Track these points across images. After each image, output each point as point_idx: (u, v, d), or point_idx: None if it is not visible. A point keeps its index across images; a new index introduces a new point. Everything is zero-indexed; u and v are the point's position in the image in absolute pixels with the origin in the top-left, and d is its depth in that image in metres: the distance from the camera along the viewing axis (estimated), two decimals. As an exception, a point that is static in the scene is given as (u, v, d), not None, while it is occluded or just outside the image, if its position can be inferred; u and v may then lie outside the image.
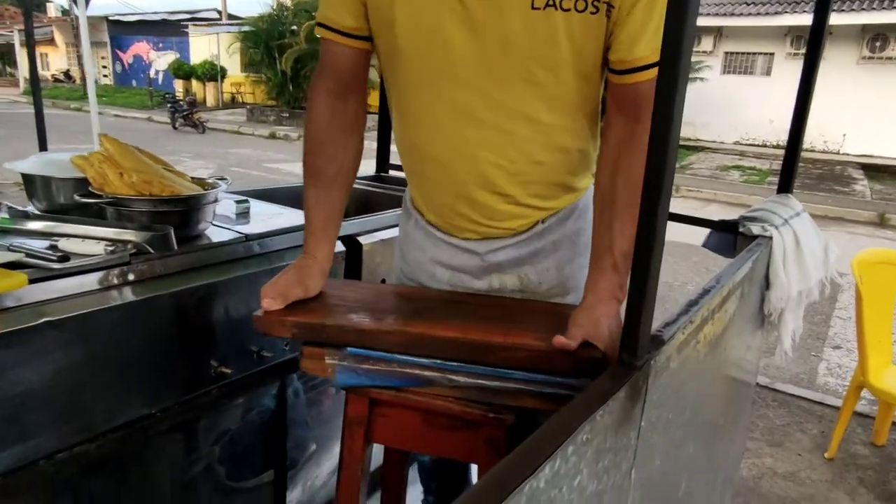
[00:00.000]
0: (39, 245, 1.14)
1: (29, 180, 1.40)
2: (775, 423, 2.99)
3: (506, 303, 1.13)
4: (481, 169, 1.05)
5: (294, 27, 16.26)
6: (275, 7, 17.85)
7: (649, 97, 0.71)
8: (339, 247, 1.58)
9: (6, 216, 1.23)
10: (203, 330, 1.29)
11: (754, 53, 14.21)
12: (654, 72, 0.90)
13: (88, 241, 1.12)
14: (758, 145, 14.25)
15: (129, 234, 1.15)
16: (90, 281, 1.11)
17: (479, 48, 0.96)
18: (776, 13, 13.46)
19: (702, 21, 14.06)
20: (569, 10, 0.92)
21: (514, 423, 1.00)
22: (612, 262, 0.96)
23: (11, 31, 27.27)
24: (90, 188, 1.28)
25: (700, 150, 13.76)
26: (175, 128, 15.23)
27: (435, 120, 1.04)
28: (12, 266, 1.03)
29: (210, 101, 20.66)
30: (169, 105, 15.92)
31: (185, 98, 17.14)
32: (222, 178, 1.46)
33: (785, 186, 1.86)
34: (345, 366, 1.03)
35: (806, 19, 12.70)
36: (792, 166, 1.86)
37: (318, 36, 1.09)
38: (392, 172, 2.37)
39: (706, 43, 14.49)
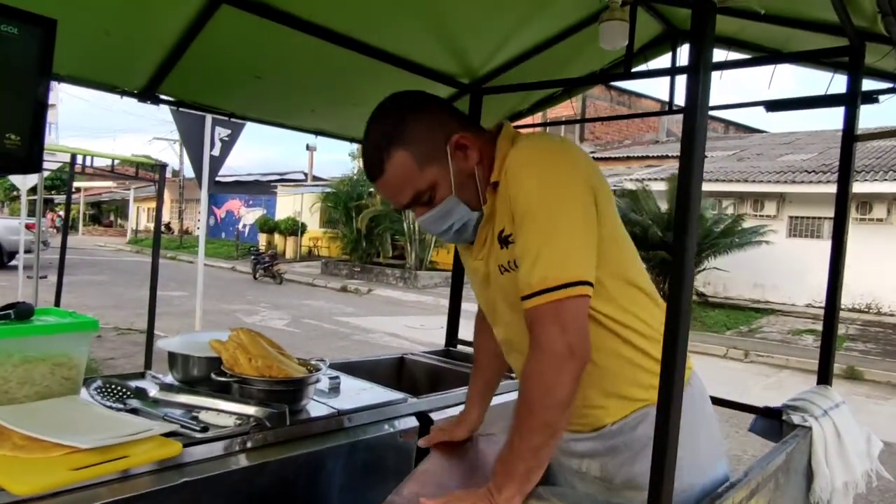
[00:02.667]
0: (181, 414, 1.44)
1: (172, 356, 1.74)
2: None
3: None
4: None
5: (371, 189, 17.69)
6: (355, 171, 19.64)
7: (534, 322, 1.05)
8: (413, 422, 1.81)
9: (157, 391, 1.56)
10: (302, 490, 1.52)
11: (820, 218, 14.30)
12: (531, 301, 1.10)
13: (223, 414, 1.41)
14: (831, 309, 13.83)
15: (252, 410, 1.44)
16: (218, 447, 1.39)
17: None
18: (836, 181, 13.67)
19: (763, 188, 14.48)
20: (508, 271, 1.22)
21: None
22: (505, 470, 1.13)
23: (128, 190, 31.02)
24: (222, 367, 1.60)
25: (770, 313, 13.50)
26: (255, 278, 16.36)
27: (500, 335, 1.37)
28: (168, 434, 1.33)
29: (289, 253, 22.22)
30: (252, 257, 17.25)
31: (268, 251, 18.56)
32: (321, 360, 1.76)
33: (824, 378, 1.99)
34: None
35: (870, 187, 12.86)
36: (828, 357, 1.99)
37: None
38: (460, 347, 2.60)
39: (769, 208, 14.71)
